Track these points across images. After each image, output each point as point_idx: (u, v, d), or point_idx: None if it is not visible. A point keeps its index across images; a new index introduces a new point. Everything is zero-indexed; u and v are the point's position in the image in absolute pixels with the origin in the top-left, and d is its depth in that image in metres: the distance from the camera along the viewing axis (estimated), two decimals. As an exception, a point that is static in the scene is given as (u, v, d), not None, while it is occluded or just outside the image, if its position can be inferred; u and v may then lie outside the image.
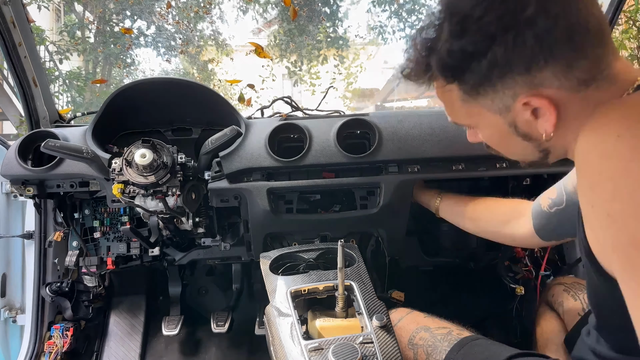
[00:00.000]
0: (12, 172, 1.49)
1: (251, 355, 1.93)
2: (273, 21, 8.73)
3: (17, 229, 1.85)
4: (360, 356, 0.84)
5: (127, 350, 1.90)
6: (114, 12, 8.41)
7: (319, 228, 1.55)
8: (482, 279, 1.92)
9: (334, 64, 8.51)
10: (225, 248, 1.70)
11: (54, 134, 1.52)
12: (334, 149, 1.45)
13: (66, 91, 7.95)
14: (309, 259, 1.28)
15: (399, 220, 1.51)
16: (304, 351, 0.88)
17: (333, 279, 1.10)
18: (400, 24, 7.95)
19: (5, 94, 1.93)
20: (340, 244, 1.00)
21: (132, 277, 2.03)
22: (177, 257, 1.74)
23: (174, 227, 1.59)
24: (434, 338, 1.08)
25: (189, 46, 8.62)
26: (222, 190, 1.45)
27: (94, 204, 1.73)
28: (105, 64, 8.44)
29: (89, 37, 8.36)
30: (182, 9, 8.29)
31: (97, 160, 1.33)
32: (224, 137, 1.32)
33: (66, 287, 1.72)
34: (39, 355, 1.70)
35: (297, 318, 0.98)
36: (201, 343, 1.98)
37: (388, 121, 1.51)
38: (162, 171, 1.32)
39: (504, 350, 0.92)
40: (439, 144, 1.46)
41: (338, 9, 8.24)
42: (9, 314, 1.85)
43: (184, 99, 1.56)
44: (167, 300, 1.96)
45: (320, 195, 1.62)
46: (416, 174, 1.46)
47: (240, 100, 3.50)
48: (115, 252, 1.70)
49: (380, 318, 0.95)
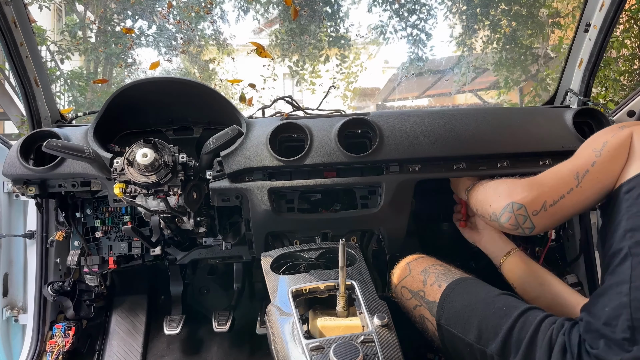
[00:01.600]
0: (13, 172, 1.50)
1: (252, 355, 1.93)
2: (274, 20, 8.73)
3: (18, 228, 1.85)
4: (362, 355, 0.85)
5: (129, 349, 1.91)
6: (115, 12, 8.41)
7: (320, 227, 1.55)
8: (483, 278, 1.92)
9: (336, 64, 8.50)
10: (227, 247, 1.71)
11: (55, 134, 1.53)
12: (335, 149, 1.46)
13: (68, 91, 7.95)
14: (310, 258, 1.28)
15: (399, 219, 1.51)
16: (305, 350, 0.89)
17: (334, 278, 1.10)
18: (401, 23, 7.94)
19: (6, 94, 1.93)
20: (341, 243, 1.00)
21: (134, 277, 2.03)
22: (179, 256, 1.74)
23: (175, 227, 1.59)
24: (448, 269, 1.23)
25: (190, 46, 8.62)
26: (223, 189, 1.45)
27: (96, 204, 1.73)
28: (107, 63, 8.44)
29: (90, 37, 8.36)
30: (183, 8, 8.29)
31: (98, 159, 1.33)
32: (225, 136, 1.32)
33: (68, 286, 1.72)
34: (41, 354, 1.70)
35: (298, 317, 0.98)
36: (202, 342, 1.98)
37: (389, 120, 1.51)
38: (164, 171, 1.32)
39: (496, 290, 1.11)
40: (439, 143, 1.46)
41: (339, 9, 8.24)
42: (11, 313, 1.85)
43: (185, 99, 1.57)
44: (168, 300, 1.97)
45: (321, 194, 1.62)
46: (417, 174, 1.46)
47: (242, 100, 3.50)
48: (116, 252, 1.70)
49: (382, 317, 0.95)
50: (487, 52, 7.73)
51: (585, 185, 1.02)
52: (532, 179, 1.11)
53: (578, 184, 1.03)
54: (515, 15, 7.34)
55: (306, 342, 0.90)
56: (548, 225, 1.08)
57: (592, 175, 1.02)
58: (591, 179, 1.02)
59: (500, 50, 7.47)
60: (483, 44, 7.70)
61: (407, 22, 7.89)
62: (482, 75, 8.23)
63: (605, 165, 1.01)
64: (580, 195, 1.03)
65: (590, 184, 1.02)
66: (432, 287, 1.18)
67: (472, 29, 7.72)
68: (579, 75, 1.74)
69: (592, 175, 1.02)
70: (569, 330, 0.92)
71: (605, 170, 1.01)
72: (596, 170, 1.01)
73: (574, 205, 1.04)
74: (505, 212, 1.09)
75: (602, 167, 1.01)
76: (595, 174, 1.02)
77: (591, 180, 1.02)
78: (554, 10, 6.84)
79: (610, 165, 1.01)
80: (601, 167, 1.01)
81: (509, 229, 1.10)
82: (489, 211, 1.17)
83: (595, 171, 1.01)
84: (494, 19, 7.50)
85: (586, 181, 1.02)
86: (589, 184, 1.02)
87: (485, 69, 7.98)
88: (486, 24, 7.58)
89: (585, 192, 1.03)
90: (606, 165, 1.01)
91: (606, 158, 1.01)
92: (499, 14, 7.47)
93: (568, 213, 1.06)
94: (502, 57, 7.45)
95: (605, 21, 1.57)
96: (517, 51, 7.34)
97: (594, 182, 1.02)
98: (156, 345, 1.98)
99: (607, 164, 1.01)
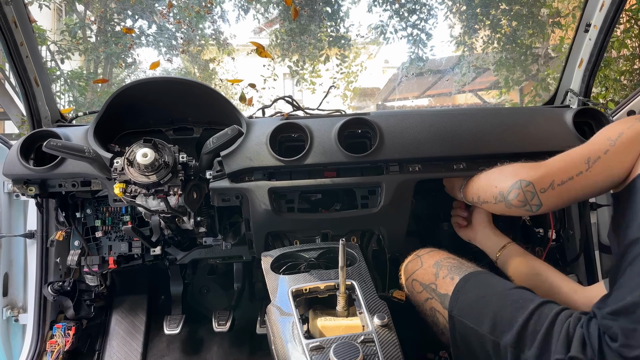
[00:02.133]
0: (14, 172, 1.50)
1: (252, 355, 1.93)
2: (274, 20, 8.72)
3: (19, 228, 1.85)
4: (362, 355, 0.85)
5: (129, 349, 1.91)
6: (115, 12, 8.41)
7: (320, 227, 1.55)
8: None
9: (336, 63, 8.50)
10: (227, 247, 1.71)
11: (55, 134, 1.53)
12: (335, 148, 1.45)
13: (68, 91, 7.95)
14: (310, 258, 1.28)
15: (400, 219, 1.51)
16: (306, 350, 0.89)
17: (334, 278, 1.10)
18: (402, 23, 7.94)
19: (7, 94, 1.93)
20: (341, 243, 1.00)
21: (134, 277, 2.03)
22: (179, 256, 1.74)
23: (175, 227, 1.59)
24: (460, 262, 1.23)
25: (190, 45, 8.62)
26: (223, 189, 1.45)
27: (96, 204, 1.73)
28: (107, 63, 8.45)
29: (90, 37, 8.36)
30: (183, 8, 8.29)
31: (98, 159, 1.33)
32: (225, 136, 1.32)
33: (68, 286, 1.72)
34: (41, 354, 1.70)
35: (298, 317, 0.98)
36: (203, 342, 1.98)
37: (389, 120, 1.51)
38: (164, 170, 1.32)
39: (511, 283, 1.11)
40: (440, 143, 1.46)
41: (339, 9, 8.24)
42: (11, 313, 1.85)
43: (186, 99, 1.57)
44: (168, 300, 1.97)
45: (321, 194, 1.62)
46: (417, 174, 1.46)
47: (242, 100, 3.50)
48: (116, 252, 1.70)
49: (382, 317, 0.95)
50: (487, 52, 7.73)
51: (595, 171, 1.03)
52: (541, 162, 1.12)
53: (588, 169, 1.03)
54: (515, 15, 7.34)
55: (306, 342, 0.91)
56: (556, 204, 1.09)
57: (604, 162, 1.02)
58: (602, 165, 1.02)
59: (501, 50, 7.47)
60: (483, 43, 7.71)
61: (408, 22, 7.89)
62: (482, 75, 8.23)
63: (618, 155, 1.01)
64: (589, 180, 1.04)
65: (600, 170, 1.02)
66: (445, 279, 1.18)
67: (472, 28, 7.72)
68: (579, 75, 1.74)
69: (604, 163, 1.02)
70: (587, 324, 0.92)
71: (618, 160, 1.01)
72: (608, 158, 1.02)
73: (583, 188, 1.05)
74: (513, 189, 1.10)
75: (615, 156, 1.01)
76: (607, 161, 1.02)
77: (602, 167, 1.02)
78: (554, 10, 6.84)
79: (622, 156, 1.01)
80: (614, 156, 1.01)
81: (516, 206, 1.11)
82: (495, 192, 1.18)
83: (607, 159, 1.02)
84: (494, 18, 7.49)
85: (597, 167, 1.02)
86: (599, 169, 1.02)
87: (485, 68, 7.98)
88: (487, 23, 7.58)
89: (594, 177, 1.03)
90: (619, 155, 1.01)
91: (620, 148, 1.01)
92: (499, 13, 7.47)
93: (576, 195, 1.07)
94: (503, 57, 7.45)
95: (606, 21, 1.57)
96: (517, 51, 7.34)
97: (605, 169, 1.02)
98: (156, 345, 1.98)
99: (620, 154, 1.01)
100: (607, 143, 1.03)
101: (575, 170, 1.04)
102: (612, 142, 1.03)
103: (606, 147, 1.03)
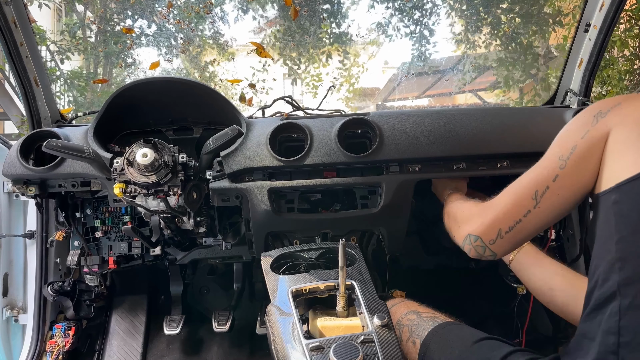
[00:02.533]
0: (13, 172, 1.50)
1: (252, 355, 1.93)
2: (274, 20, 8.72)
3: (18, 228, 1.85)
4: (362, 355, 0.84)
5: (129, 349, 1.91)
6: (115, 12, 8.41)
7: (320, 227, 1.55)
8: (483, 278, 1.92)
9: (338, 60, 8.49)
10: (227, 247, 1.71)
11: (55, 134, 1.52)
12: (335, 149, 1.45)
13: (67, 91, 7.95)
14: (310, 258, 1.28)
15: (400, 219, 1.51)
16: (305, 350, 0.89)
17: (334, 278, 1.10)
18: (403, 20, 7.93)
19: (6, 94, 1.94)
20: (341, 243, 1.00)
21: (134, 277, 2.03)
22: (179, 256, 1.74)
23: (175, 227, 1.59)
24: (420, 319, 1.15)
25: (190, 46, 8.62)
26: (223, 189, 1.45)
27: (96, 204, 1.73)
28: (107, 63, 8.44)
29: (90, 37, 8.36)
30: (183, 8, 8.28)
31: (98, 159, 1.33)
32: (225, 136, 1.32)
33: (68, 286, 1.72)
34: (41, 354, 1.70)
35: (298, 317, 0.98)
36: (202, 342, 1.98)
37: (389, 120, 1.51)
38: (164, 171, 1.32)
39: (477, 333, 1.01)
40: (439, 143, 1.46)
41: (339, 8, 8.23)
42: (11, 313, 1.85)
43: (185, 99, 1.57)
44: (168, 300, 1.97)
45: (321, 194, 1.62)
46: (417, 174, 1.46)
47: (242, 100, 3.50)
48: (116, 252, 1.70)
49: (382, 317, 0.95)
50: (489, 50, 7.72)
51: (544, 205, 0.92)
52: (489, 203, 1.03)
53: (536, 205, 0.92)
54: (517, 14, 7.33)
55: (306, 342, 0.90)
56: (510, 249, 1.03)
57: (553, 192, 0.90)
58: (551, 197, 0.90)
59: (503, 49, 7.46)
60: (485, 41, 7.70)
61: (409, 21, 7.89)
62: (482, 75, 8.23)
63: (568, 178, 0.88)
64: (539, 217, 0.93)
65: (550, 203, 0.91)
66: (407, 344, 1.12)
67: (473, 27, 7.71)
68: (579, 75, 1.74)
69: (553, 193, 0.90)
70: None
71: (570, 185, 0.88)
72: (558, 187, 0.89)
73: (535, 226, 0.95)
74: (465, 244, 1.07)
75: (565, 181, 0.88)
76: (556, 190, 0.90)
77: (551, 199, 0.90)
78: (556, 10, 6.84)
79: (575, 178, 0.87)
80: (564, 182, 0.89)
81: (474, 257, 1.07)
82: (454, 238, 1.17)
83: (557, 187, 0.89)
84: (495, 17, 7.49)
85: (546, 200, 0.91)
86: (549, 202, 0.91)
87: (486, 67, 7.97)
88: (488, 21, 7.57)
89: (544, 212, 0.92)
90: (571, 178, 0.88)
91: (572, 170, 0.87)
92: (501, 11, 7.46)
93: (529, 234, 0.98)
94: (504, 56, 7.44)
95: (605, 21, 1.57)
96: (518, 50, 7.33)
97: (555, 199, 0.90)
98: (156, 345, 1.98)
99: (572, 177, 0.88)
100: (557, 166, 0.89)
101: (523, 211, 0.94)
102: (563, 162, 0.88)
103: (555, 171, 0.89)
